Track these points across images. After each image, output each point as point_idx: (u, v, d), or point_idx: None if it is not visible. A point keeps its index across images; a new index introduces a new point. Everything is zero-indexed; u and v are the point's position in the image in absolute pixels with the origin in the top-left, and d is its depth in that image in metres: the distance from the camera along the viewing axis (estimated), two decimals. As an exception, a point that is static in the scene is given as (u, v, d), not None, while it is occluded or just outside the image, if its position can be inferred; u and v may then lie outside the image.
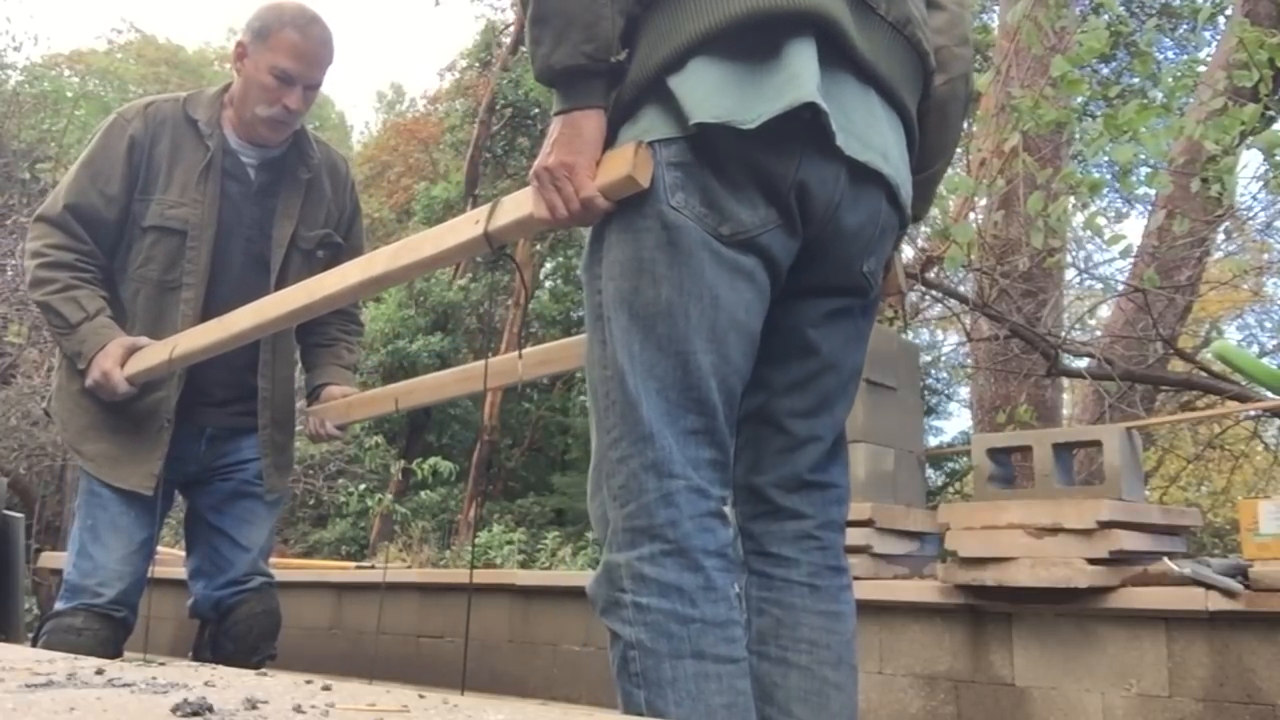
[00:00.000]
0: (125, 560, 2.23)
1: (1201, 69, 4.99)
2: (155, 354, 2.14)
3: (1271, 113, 4.26)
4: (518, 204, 1.45)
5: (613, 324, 1.31)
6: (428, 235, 1.66)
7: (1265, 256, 7.54)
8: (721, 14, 1.23)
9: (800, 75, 1.22)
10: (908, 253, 5.25)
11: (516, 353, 2.02)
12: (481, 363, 2.09)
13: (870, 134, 1.32)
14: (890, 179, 1.36)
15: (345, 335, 2.54)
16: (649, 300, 1.29)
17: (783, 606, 1.44)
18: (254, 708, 0.85)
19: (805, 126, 1.24)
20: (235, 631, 2.32)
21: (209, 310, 2.24)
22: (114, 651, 2.18)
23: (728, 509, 1.33)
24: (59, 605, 2.24)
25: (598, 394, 1.34)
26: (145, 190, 2.24)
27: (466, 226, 1.55)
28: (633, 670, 1.24)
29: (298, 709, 0.85)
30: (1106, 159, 4.04)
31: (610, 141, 1.32)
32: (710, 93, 1.24)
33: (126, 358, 2.15)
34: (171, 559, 3.78)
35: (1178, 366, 5.99)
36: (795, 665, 1.41)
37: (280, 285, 2.32)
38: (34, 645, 2.17)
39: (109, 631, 2.19)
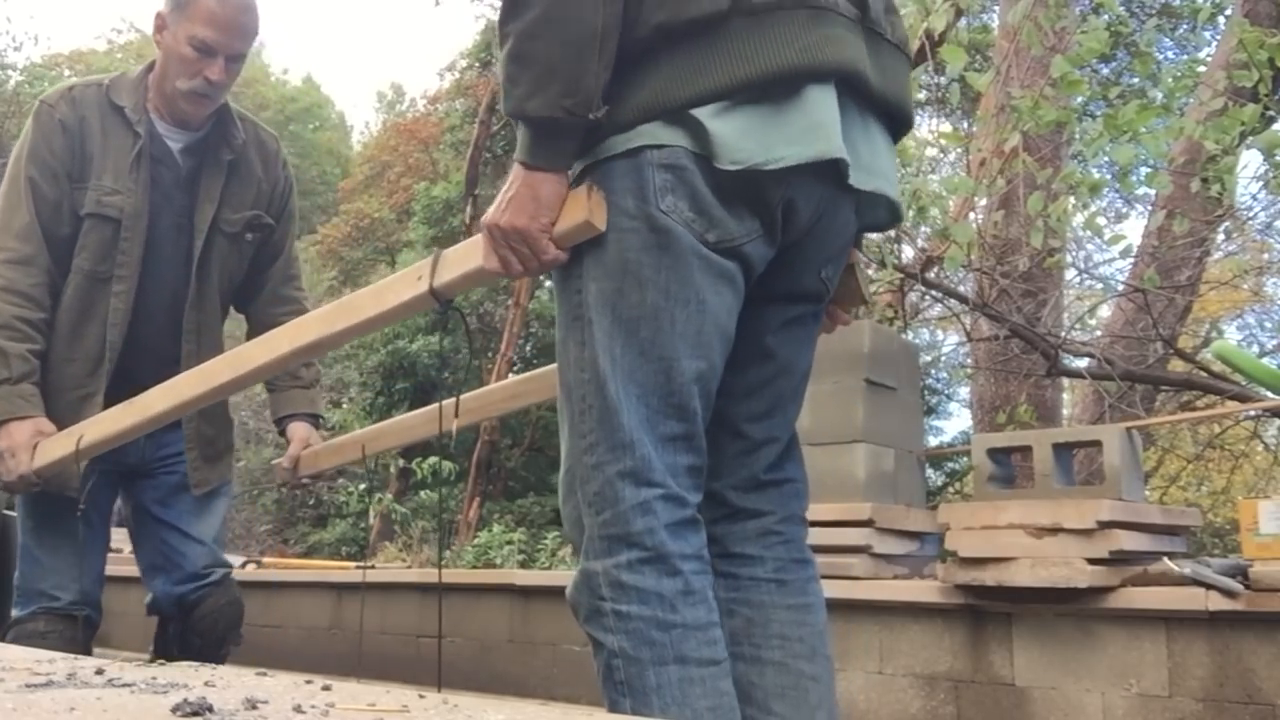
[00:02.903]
0: (74, 559, 2.17)
1: (1201, 69, 4.98)
2: (60, 445, 2.04)
3: (1271, 113, 4.26)
4: (465, 256, 1.40)
5: (594, 326, 1.30)
6: (364, 294, 1.56)
7: (1265, 256, 7.54)
8: (758, 67, 1.23)
9: (826, 125, 1.25)
10: (908, 253, 5.25)
11: (487, 386, 1.96)
12: (450, 400, 1.97)
13: (874, 160, 1.34)
14: (893, 200, 1.38)
15: None
16: (633, 304, 1.28)
17: (751, 605, 1.44)
18: (254, 708, 0.85)
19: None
20: (202, 626, 2.27)
21: (137, 305, 2.19)
22: (82, 651, 2.12)
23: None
24: (16, 613, 2.19)
25: (573, 397, 1.33)
26: (80, 177, 2.16)
27: (408, 284, 1.47)
28: (617, 679, 1.24)
29: (298, 709, 0.85)
30: (1106, 159, 4.04)
31: (590, 142, 1.28)
32: (737, 136, 1.24)
33: (34, 444, 2.06)
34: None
35: (1178, 366, 5.99)
36: (770, 662, 1.41)
37: (202, 273, 2.26)
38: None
39: (73, 631, 2.15)
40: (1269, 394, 3.80)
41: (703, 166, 1.26)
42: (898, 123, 1.41)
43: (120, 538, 5.59)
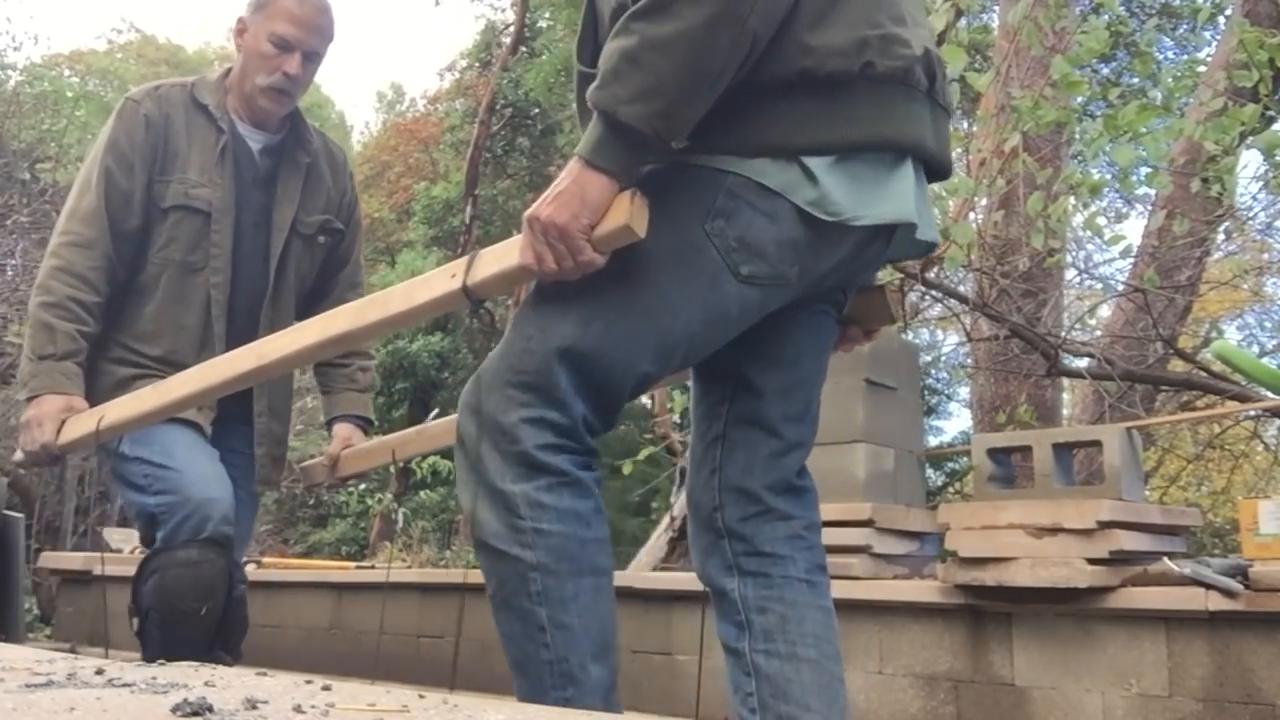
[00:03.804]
0: (216, 473, 2.10)
1: (1201, 69, 4.99)
2: (84, 423, 2.02)
3: (1271, 113, 4.26)
4: (501, 256, 1.39)
5: (585, 295, 1.34)
6: (396, 290, 1.55)
7: (1265, 256, 7.54)
8: (869, 133, 1.33)
9: (905, 194, 1.37)
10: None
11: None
12: None
13: (924, 210, 1.45)
14: (935, 242, 1.51)
15: (356, 356, 2.47)
16: (632, 298, 1.33)
17: (785, 603, 1.47)
18: (254, 708, 0.85)
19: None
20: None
21: (231, 296, 2.23)
22: (229, 584, 2.04)
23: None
24: (158, 537, 2.03)
25: (522, 333, 1.37)
26: (164, 171, 2.22)
27: (441, 280, 1.46)
28: (533, 590, 1.31)
29: (298, 709, 0.85)
30: (1106, 159, 4.04)
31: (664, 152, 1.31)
32: (839, 190, 1.32)
33: (61, 419, 2.06)
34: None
35: (1178, 366, 5.98)
36: (805, 659, 1.45)
37: (280, 273, 2.30)
38: (140, 591, 2.01)
39: (225, 560, 2.04)
40: (1269, 394, 3.80)
41: (775, 206, 1.31)
42: (939, 174, 1.52)
43: (121, 538, 5.59)
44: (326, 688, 0.99)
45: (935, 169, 1.47)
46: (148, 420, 1.96)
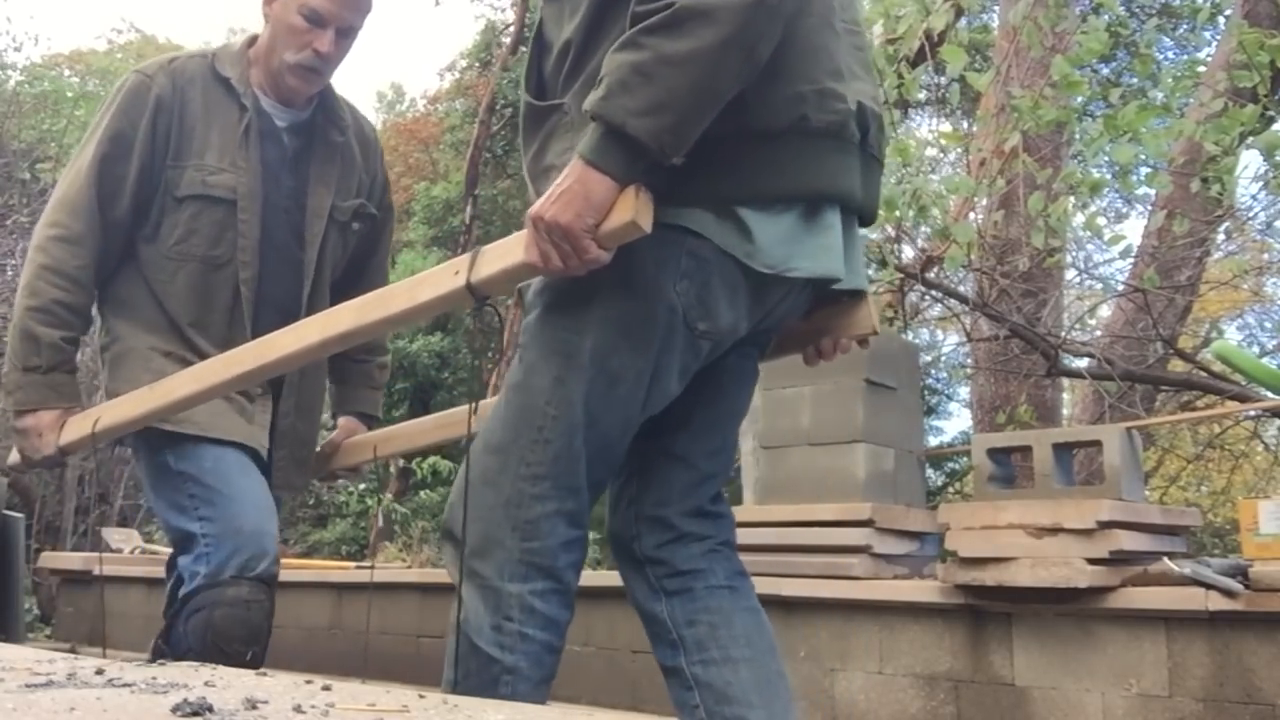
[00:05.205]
0: (269, 506, 1.94)
1: (1201, 69, 4.98)
2: (81, 425, 1.95)
3: (1271, 113, 4.25)
4: (505, 253, 1.38)
5: (583, 373, 1.37)
6: (399, 288, 1.53)
7: (1265, 256, 7.54)
8: (800, 185, 1.36)
9: (835, 248, 1.41)
10: (908, 252, 5.25)
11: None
12: (463, 408, 1.91)
13: (855, 259, 1.50)
14: (865, 290, 1.56)
15: (374, 354, 2.37)
16: (625, 365, 1.37)
17: (711, 611, 1.53)
18: (254, 708, 0.85)
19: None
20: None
21: (258, 290, 2.05)
22: (271, 626, 1.94)
23: None
24: (200, 568, 1.85)
25: (530, 423, 1.39)
26: (178, 156, 2.01)
27: (445, 277, 1.44)
28: (503, 692, 1.34)
29: (298, 709, 0.85)
30: (1106, 159, 4.04)
31: (645, 183, 1.30)
32: (773, 242, 1.36)
33: (61, 424, 1.98)
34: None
35: (1178, 366, 5.98)
36: (741, 660, 1.49)
37: (319, 262, 2.12)
38: (179, 630, 1.87)
39: (272, 603, 1.91)
40: (1269, 394, 3.80)
41: (723, 263, 1.35)
42: (865, 222, 1.56)
43: (121, 538, 5.58)
44: (326, 688, 0.99)
45: (864, 218, 1.51)
46: (145, 421, 1.90)
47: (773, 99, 1.33)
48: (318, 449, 2.29)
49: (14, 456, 2.11)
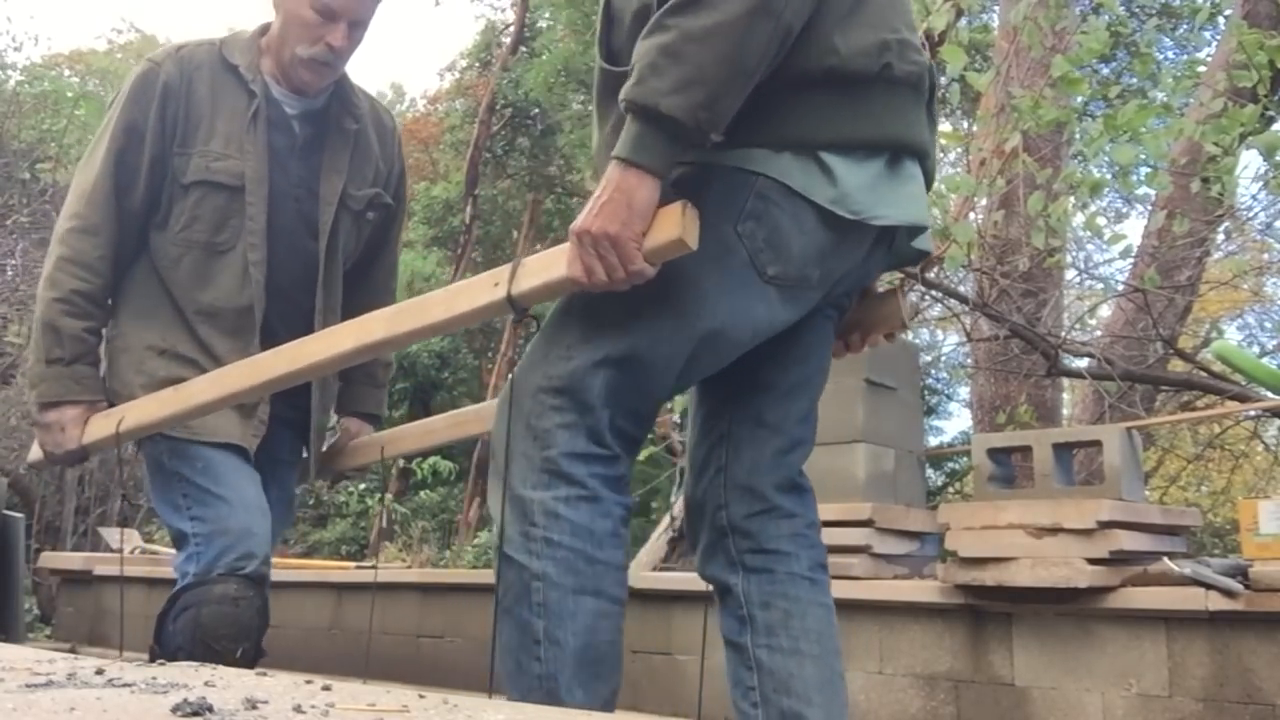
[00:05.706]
0: (261, 505, 1.97)
1: (1201, 69, 4.98)
2: (105, 424, 1.94)
3: (1271, 113, 4.26)
4: (547, 265, 1.35)
5: (621, 299, 1.33)
6: (435, 296, 1.51)
7: (1265, 256, 7.54)
8: (887, 133, 1.35)
9: (918, 197, 1.40)
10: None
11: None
12: (473, 408, 1.97)
13: (925, 218, 1.48)
14: (928, 251, 1.55)
15: None
16: (672, 297, 1.34)
17: (789, 599, 1.49)
18: (254, 708, 0.85)
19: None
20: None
21: (268, 279, 2.03)
22: (266, 624, 1.95)
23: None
24: (190, 568, 1.88)
25: (560, 341, 1.38)
26: (185, 143, 2.01)
27: (484, 289, 1.41)
28: (535, 600, 1.31)
29: (298, 709, 0.85)
30: (1106, 159, 4.03)
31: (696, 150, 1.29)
32: (859, 189, 1.33)
33: (85, 419, 1.97)
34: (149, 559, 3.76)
35: (1178, 366, 5.98)
36: (808, 655, 1.47)
37: (330, 251, 2.11)
38: (169, 629, 1.88)
39: (263, 600, 1.93)
40: (1269, 394, 3.80)
41: (796, 206, 1.31)
42: (928, 183, 1.54)
43: (120, 538, 5.58)
44: (326, 688, 0.99)
45: (928, 177, 1.49)
46: (169, 423, 1.88)
47: (861, 45, 1.31)
48: (323, 449, 2.31)
49: (35, 452, 2.10)
